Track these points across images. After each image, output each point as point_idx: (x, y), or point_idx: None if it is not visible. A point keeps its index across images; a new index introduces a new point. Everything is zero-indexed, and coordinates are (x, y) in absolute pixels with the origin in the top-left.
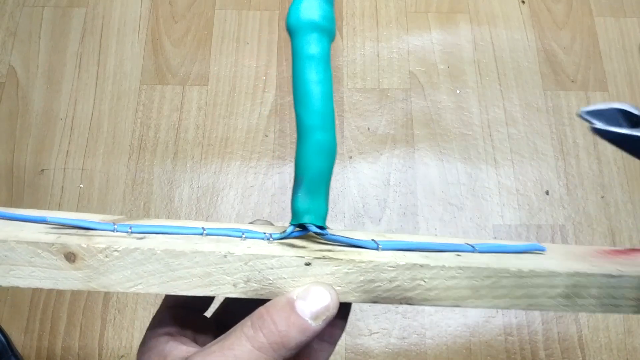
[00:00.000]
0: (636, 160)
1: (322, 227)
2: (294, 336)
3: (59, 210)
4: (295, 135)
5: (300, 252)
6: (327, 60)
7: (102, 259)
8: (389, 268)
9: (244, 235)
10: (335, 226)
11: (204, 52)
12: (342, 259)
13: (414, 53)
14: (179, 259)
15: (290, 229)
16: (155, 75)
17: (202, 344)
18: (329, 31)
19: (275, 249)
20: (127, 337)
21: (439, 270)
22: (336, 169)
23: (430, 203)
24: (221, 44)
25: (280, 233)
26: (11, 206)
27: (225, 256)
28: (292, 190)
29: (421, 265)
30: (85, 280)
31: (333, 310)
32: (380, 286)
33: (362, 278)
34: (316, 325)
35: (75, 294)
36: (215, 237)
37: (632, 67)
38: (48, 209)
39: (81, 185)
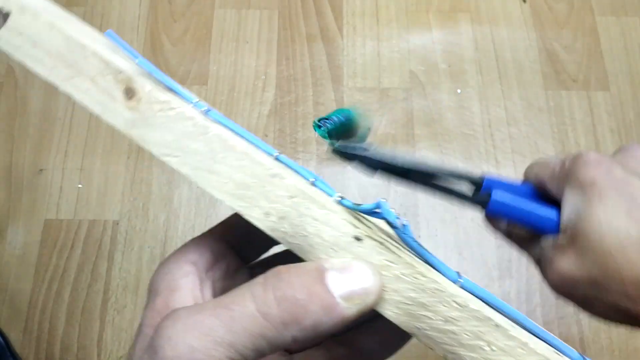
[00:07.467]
0: None
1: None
2: (313, 311)
3: (57, 210)
4: (294, 135)
5: (359, 224)
6: None
7: (155, 110)
8: (454, 304)
9: (313, 180)
10: None
11: (203, 51)
12: (401, 257)
13: (414, 52)
14: (226, 152)
15: (370, 205)
16: None
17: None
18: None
19: (334, 206)
20: (126, 338)
21: (518, 347)
22: (336, 169)
23: (431, 203)
24: (220, 43)
25: (354, 203)
26: (9, 207)
27: (273, 176)
28: None
29: (497, 326)
30: (129, 123)
31: (373, 297)
32: (429, 318)
33: (413, 295)
34: (346, 308)
35: (74, 293)
36: (283, 166)
37: (634, 67)
38: (47, 209)
39: (80, 185)
